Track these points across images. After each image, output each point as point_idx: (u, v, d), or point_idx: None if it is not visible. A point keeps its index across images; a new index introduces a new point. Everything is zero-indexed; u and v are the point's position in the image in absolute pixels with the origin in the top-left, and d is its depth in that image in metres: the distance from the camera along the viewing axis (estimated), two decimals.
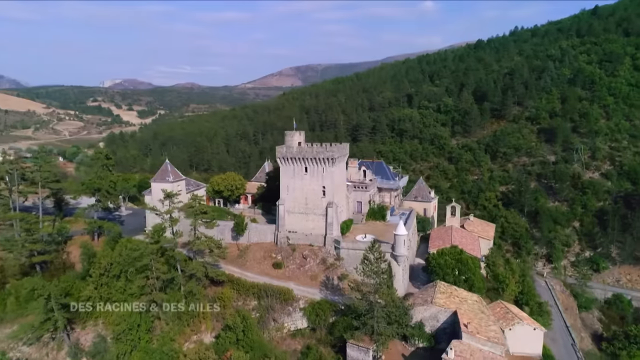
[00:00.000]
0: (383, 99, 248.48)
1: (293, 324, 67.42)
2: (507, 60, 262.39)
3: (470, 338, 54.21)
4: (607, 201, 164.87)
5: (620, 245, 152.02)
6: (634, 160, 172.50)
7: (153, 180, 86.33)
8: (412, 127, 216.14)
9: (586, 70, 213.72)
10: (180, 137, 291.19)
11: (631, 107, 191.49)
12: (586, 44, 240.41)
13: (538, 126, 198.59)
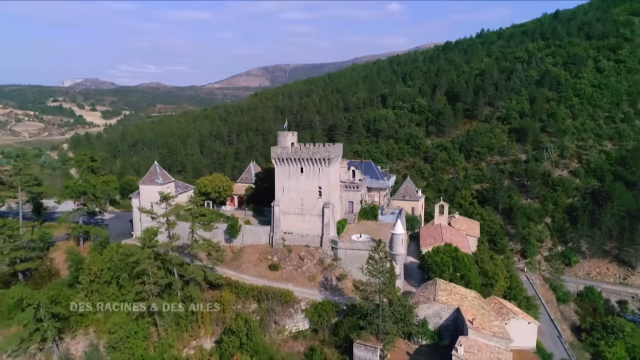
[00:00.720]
0: (357, 100, 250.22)
1: (294, 325, 67.07)
2: (477, 62, 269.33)
3: (476, 334, 55.37)
4: (576, 198, 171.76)
5: (589, 239, 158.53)
6: (599, 158, 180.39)
7: (141, 182, 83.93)
8: (388, 127, 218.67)
9: (552, 71, 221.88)
10: (150, 138, 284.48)
11: (595, 107, 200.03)
12: (551, 47, 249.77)
13: (509, 126, 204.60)
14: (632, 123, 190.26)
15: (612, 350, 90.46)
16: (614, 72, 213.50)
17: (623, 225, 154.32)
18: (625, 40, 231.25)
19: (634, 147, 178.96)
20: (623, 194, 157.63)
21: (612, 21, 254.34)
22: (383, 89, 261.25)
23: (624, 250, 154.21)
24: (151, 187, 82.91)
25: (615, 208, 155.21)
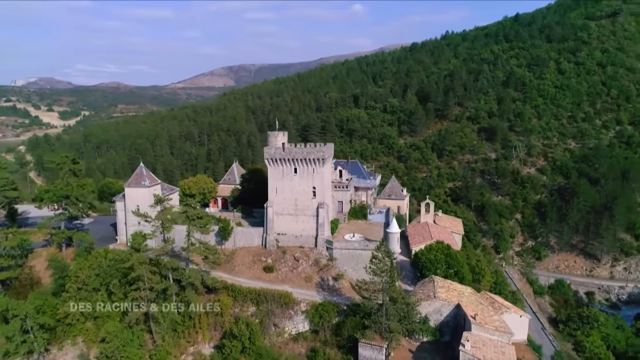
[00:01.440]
0: (330, 100, 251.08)
1: (294, 327, 66.53)
2: (444, 63, 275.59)
3: (479, 329, 56.53)
4: (543, 194, 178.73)
5: (557, 234, 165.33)
6: (564, 156, 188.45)
7: (127, 185, 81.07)
8: (361, 127, 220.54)
9: (517, 73, 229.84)
10: (115, 139, 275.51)
11: (558, 107, 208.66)
12: (514, 49, 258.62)
13: (478, 125, 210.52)
14: (592, 122, 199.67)
15: (589, 339, 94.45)
16: (574, 74, 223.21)
17: (588, 220, 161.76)
18: (584, 43, 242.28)
19: (595, 145, 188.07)
20: (587, 190, 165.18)
21: (570, 25, 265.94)
22: (354, 89, 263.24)
23: (589, 243, 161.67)
24: (137, 189, 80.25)
25: (580, 204, 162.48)
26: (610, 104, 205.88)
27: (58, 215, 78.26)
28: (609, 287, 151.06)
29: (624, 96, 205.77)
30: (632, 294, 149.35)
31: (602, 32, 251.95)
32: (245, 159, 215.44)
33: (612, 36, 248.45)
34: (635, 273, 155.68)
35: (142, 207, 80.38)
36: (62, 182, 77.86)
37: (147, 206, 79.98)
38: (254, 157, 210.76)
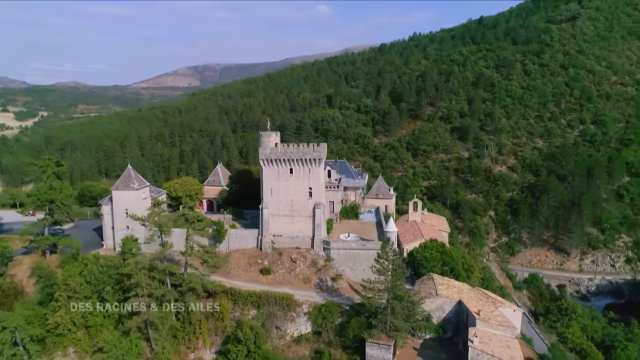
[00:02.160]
0: (303, 100, 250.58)
1: (296, 329, 65.96)
2: (414, 64, 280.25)
3: (483, 324, 57.73)
4: (515, 191, 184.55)
5: (529, 230, 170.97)
6: (532, 154, 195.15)
7: (114, 188, 78.11)
8: (336, 127, 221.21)
9: (486, 74, 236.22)
10: (80, 140, 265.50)
11: (526, 107, 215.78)
12: (482, 51, 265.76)
13: (450, 125, 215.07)
14: (558, 122, 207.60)
15: (570, 331, 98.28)
16: (539, 75, 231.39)
17: (558, 216, 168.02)
18: (547, 45, 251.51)
19: (561, 144, 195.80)
20: (556, 187, 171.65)
21: (533, 28, 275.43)
22: (327, 89, 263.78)
23: (559, 238, 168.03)
24: (126, 192, 77.48)
25: (550, 200, 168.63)
26: (574, 104, 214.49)
27: (41, 220, 74.48)
28: (579, 280, 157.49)
29: (586, 97, 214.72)
30: (600, 285, 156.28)
31: (563, 35, 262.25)
32: (220, 159, 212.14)
33: (573, 39, 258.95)
34: (602, 265, 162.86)
35: (131, 211, 77.75)
36: (46, 186, 74.13)
37: (136, 209, 77.71)
38: (229, 158, 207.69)
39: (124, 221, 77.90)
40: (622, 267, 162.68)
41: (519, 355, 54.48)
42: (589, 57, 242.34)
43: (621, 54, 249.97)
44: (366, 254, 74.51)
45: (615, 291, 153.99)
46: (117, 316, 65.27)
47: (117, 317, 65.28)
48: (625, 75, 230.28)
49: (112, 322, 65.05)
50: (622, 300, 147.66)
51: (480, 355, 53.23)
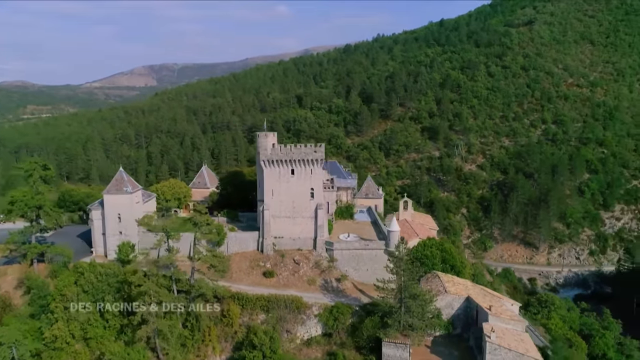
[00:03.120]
0: (274, 100, 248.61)
1: (307, 332, 65.19)
2: (382, 65, 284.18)
3: (496, 319, 59.10)
4: (485, 189, 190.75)
5: (500, 226, 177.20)
6: (500, 153, 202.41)
7: (106, 192, 74.38)
8: (309, 128, 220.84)
9: (452, 75, 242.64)
10: (37, 142, 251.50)
11: (491, 107, 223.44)
12: (447, 52, 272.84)
13: (421, 125, 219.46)
14: (522, 121, 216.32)
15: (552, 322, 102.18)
16: (502, 77, 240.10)
17: (527, 212, 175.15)
18: (508, 48, 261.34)
19: (526, 143, 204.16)
20: (524, 185, 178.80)
21: (494, 31, 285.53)
22: (297, 89, 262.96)
23: (528, 233, 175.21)
24: (119, 196, 73.97)
25: (519, 197, 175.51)
26: (535, 105, 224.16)
27: (28, 227, 69.79)
28: (548, 273, 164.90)
29: (546, 97, 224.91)
30: (568, 277, 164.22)
31: (521, 38, 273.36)
32: (190, 161, 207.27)
33: (531, 42, 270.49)
34: (568, 258, 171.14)
35: (124, 216, 74.71)
36: (32, 191, 69.51)
37: (130, 214, 74.60)
38: (200, 160, 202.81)
39: (116, 226, 74.47)
40: (585, 260, 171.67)
41: (533, 348, 56.22)
42: (547, 59, 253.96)
43: (575, 57, 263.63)
44: (369, 253, 74.80)
45: (581, 283, 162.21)
46: (119, 326, 62.23)
47: (119, 327, 62.24)
48: (580, 77, 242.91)
49: (114, 332, 61.93)
50: (588, 291, 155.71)
51: (497, 349, 54.48)
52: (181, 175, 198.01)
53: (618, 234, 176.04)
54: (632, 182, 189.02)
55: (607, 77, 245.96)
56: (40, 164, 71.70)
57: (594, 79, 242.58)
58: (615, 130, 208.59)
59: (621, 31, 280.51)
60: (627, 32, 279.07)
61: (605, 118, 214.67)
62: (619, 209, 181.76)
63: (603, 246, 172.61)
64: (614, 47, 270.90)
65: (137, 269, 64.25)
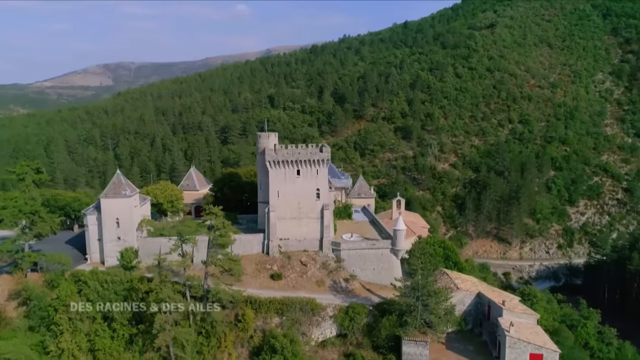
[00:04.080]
0: (245, 100, 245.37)
1: (321, 334, 64.54)
2: (351, 65, 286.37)
3: (510, 314, 60.61)
4: (458, 187, 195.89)
5: (474, 223, 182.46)
6: (471, 151, 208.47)
7: (103, 195, 70.76)
8: (283, 128, 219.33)
9: (422, 76, 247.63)
10: None
11: (461, 107, 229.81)
12: (415, 54, 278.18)
13: (394, 125, 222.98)
14: (490, 121, 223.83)
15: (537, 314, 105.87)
16: (469, 78, 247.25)
17: (499, 209, 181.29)
18: (473, 50, 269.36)
19: (495, 142, 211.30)
20: (496, 182, 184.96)
21: (459, 34, 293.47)
22: (268, 89, 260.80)
23: (501, 229, 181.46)
24: (117, 200, 70.55)
25: (491, 194, 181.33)
26: (502, 105, 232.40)
27: (22, 235, 65.30)
28: (521, 267, 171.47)
29: (511, 98, 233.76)
30: (539, 270, 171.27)
31: (485, 41, 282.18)
32: (162, 163, 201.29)
33: (494, 45, 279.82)
34: (538, 252, 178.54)
35: (122, 220, 71.48)
36: (26, 196, 65.12)
37: (129, 218, 71.58)
38: (173, 162, 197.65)
39: (114, 232, 71.03)
40: (555, 253, 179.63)
41: (548, 340, 58.08)
42: (510, 61, 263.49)
43: (535, 60, 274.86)
44: (375, 253, 75.01)
45: (552, 275, 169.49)
46: (128, 336, 59.45)
47: (128, 337, 59.45)
48: (541, 79, 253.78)
49: (122, 343, 59.06)
50: (560, 283, 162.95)
51: (517, 343, 55.92)
52: (153, 177, 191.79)
53: (583, 227, 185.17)
54: (593, 179, 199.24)
55: (565, 79, 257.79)
56: (32, 166, 67.34)
57: (553, 81, 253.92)
58: (575, 129, 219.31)
59: (576, 35, 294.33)
60: (581, 36, 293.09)
61: (566, 118, 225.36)
62: (583, 204, 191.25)
63: (570, 240, 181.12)
64: (570, 50, 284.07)
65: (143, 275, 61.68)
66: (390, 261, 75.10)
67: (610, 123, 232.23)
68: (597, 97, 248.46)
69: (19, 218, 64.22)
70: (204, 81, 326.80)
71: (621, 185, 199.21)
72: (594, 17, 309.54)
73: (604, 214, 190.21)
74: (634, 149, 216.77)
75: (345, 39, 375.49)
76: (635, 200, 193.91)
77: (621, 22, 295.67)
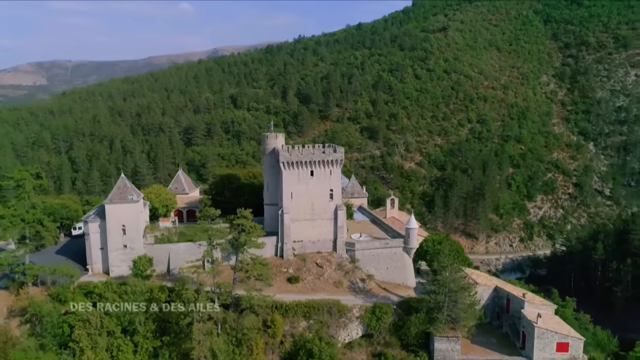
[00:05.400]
0: (207, 101, 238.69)
1: (348, 335, 63.97)
2: (311, 65, 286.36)
3: (531, 305, 62.97)
4: (425, 185, 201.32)
5: (443, 219, 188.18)
6: (435, 150, 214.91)
7: (108, 201, 65.99)
8: (249, 129, 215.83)
9: (384, 77, 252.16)
10: None
11: (422, 108, 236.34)
12: (374, 55, 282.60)
13: (359, 125, 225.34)
14: (450, 121, 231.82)
15: None
16: (428, 79, 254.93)
17: (465, 205, 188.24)
18: (430, 52, 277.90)
19: (456, 141, 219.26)
20: (462, 180, 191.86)
21: (415, 36, 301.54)
22: (229, 89, 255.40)
23: (468, 225, 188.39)
24: (123, 206, 66.11)
25: (458, 192, 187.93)
26: (460, 105, 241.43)
27: (22, 246, 59.42)
28: (488, 260, 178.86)
29: (468, 99, 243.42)
30: (505, 263, 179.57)
31: (440, 44, 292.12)
32: (124, 167, 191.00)
33: (448, 47, 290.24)
34: (503, 246, 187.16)
35: (129, 227, 67.25)
36: (26, 204, 59.35)
37: (136, 224, 67.56)
38: (135, 164, 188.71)
39: (120, 239, 66.54)
40: (517, 246, 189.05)
41: (571, 329, 60.99)
42: (464, 64, 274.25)
43: (487, 62, 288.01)
44: (389, 252, 75.49)
45: (517, 267, 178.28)
46: (152, 349, 55.93)
47: (152, 350, 55.94)
48: (494, 81, 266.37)
49: (145, 357, 55.50)
50: (525, 275, 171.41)
51: (545, 333, 58.25)
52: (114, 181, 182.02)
53: (541, 221, 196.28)
54: (547, 175, 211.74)
55: (515, 81, 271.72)
56: (31, 171, 61.53)
57: (504, 82, 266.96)
58: (528, 128, 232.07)
59: (521, 39, 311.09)
60: (525, 40, 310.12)
61: (519, 117, 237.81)
62: (540, 199, 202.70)
63: (530, 233, 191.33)
64: (516, 53, 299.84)
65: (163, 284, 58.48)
66: (403, 259, 75.88)
67: (557, 122, 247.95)
68: (544, 98, 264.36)
69: (21, 228, 58.49)
70: (156, 81, 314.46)
71: (571, 181, 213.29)
72: (536, 23, 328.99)
73: (559, 208, 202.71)
74: (579, 147, 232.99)
75: (301, 39, 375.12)
76: (584, 195, 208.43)
77: (560, 27, 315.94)
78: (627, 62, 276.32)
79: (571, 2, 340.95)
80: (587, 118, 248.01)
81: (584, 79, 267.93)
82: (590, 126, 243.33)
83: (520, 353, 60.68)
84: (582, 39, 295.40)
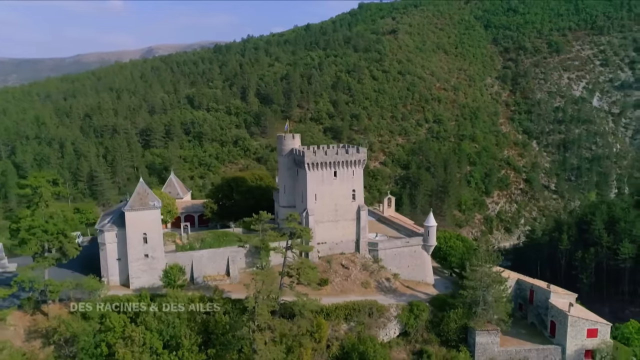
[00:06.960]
0: (163, 101, 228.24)
1: (386, 334, 63.67)
2: (266, 65, 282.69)
3: (556, 296, 66.07)
4: (391, 184, 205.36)
5: (410, 217, 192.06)
6: (397, 150, 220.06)
7: (128, 208, 60.70)
8: (211, 130, 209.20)
9: (342, 78, 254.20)
10: None
11: (382, 108, 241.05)
12: (330, 56, 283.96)
13: (322, 125, 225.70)
14: (409, 121, 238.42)
15: None
16: (385, 80, 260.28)
17: (431, 202, 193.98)
18: (384, 54, 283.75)
19: (416, 140, 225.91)
20: (426, 178, 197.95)
21: (367, 38, 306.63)
22: (184, 89, 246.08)
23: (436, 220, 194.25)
24: (145, 212, 61.19)
25: (423, 190, 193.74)
26: (417, 106, 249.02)
27: (42, 260, 53.06)
28: None
29: (424, 99, 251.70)
30: None
31: (392, 46, 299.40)
32: (79, 171, 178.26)
33: (400, 49, 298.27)
34: None
35: (150, 235, 62.63)
36: (44, 214, 53.09)
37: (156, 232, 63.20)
38: (91, 169, 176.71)
39: (141, 249, 61.69)
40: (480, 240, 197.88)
41: (597, 316, 64.68)
42: (416, 65, 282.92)
43: (437, 64, 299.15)
44: (409, 250, 76.21)
45: None
46: None
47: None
48: (444, 82, 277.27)
49: None
50: None
51: (577, 321, 61.42)
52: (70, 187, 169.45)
53: (498, 215, 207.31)
54: (501, 172, 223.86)
55: (463, 83, 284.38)
56: (47, 178, 55.12)
57: (454, 84, 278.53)
58: (480, 127, 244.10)
59: (465, 43, 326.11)
60: (470, 44, 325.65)
61: (471, 117, 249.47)
62: (496, 195, 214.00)
63: (490, 227, 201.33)
64: (462, 56, 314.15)
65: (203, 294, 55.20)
66: (422, 257, 76.94)
67: (504, 122, 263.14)
68: (490, 99, 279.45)
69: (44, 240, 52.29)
70: (99, 80, 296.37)
71: (522, 177, 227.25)
72: (477, 28, 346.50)
73: (513, 203, 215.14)
74: (526, 145, 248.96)
75: (250, 39, 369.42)
76: (533, 190, 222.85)
77: (500, 33, 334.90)
78: (560, 65, 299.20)
79: (507, 9, 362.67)
80: (530, 118, 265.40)
81: (524, 81, 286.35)
82: (533, 125, 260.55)
83: (552, 341, 63.54)
84: (520, 44, 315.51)
